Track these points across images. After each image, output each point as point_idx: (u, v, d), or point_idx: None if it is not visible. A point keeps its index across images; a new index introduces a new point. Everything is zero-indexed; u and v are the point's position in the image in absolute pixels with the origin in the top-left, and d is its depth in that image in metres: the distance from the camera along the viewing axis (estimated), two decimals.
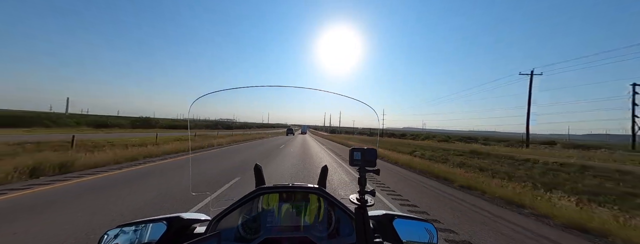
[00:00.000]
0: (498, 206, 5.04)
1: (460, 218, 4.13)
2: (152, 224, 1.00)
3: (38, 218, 3.30)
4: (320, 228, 1.12)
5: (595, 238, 3.55)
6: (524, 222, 4.12)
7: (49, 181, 5.30)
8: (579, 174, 9.34)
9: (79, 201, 4.04)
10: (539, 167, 11.12)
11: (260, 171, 1.28)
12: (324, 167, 1.35)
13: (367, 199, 0.86)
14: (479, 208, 4.81)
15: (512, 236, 3.44)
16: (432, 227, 1.15)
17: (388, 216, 1.16)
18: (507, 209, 4.84)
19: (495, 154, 15.50)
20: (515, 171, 9.94)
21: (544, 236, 3.52)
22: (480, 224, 3.88)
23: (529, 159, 12.73)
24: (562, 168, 10.59)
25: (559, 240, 3.43)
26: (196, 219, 1.15)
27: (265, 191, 1.14)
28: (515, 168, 10.83)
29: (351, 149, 0.91)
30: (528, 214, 4.53)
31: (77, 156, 7.14)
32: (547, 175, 9.32)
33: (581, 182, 7.81)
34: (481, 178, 7.31)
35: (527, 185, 6.72)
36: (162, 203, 4.07)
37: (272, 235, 1.06)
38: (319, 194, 1.16)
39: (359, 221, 0.82)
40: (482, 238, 3.30)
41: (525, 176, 8.98)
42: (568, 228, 3.90)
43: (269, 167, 8.25)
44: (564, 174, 9.34)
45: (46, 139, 13.34)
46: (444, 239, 3.20)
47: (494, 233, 3.53)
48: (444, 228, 3.63)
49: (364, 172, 0.88)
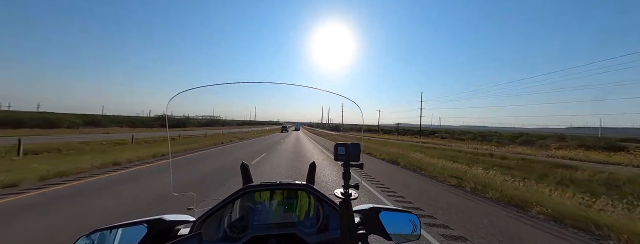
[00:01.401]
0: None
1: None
2: (131, 228, 0.96)
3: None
4: (309, 224, 1.13)
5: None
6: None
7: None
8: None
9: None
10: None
11: (247, 170, 1.26)
12: (312, 164, 1.36)
13: (351, 193, 0.88)
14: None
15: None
16: (416, 218, 1.20)
17: (374, 210, 1.19)
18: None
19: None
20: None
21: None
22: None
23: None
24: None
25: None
26: (179, 221, 1.12)
27: (252, 189, 1.13)
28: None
29: (336, 144, 0.92)
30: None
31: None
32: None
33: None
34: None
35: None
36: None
37: (260, 233, 1.06)
38: (307, 190, 1.16)
39: (343, 214, 0.84)
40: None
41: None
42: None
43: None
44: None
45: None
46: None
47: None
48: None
49: (348, 167, 0.90)
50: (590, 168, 10.76)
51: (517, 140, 34.57)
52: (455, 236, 3.36)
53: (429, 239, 3.25)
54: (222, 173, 7.23)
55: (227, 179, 6.43)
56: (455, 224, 3.82)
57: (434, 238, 3.30)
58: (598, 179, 8.64)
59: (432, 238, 3.27)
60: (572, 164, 12.20)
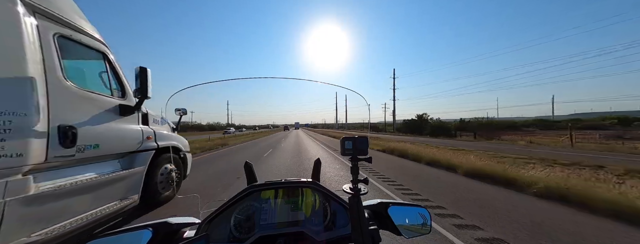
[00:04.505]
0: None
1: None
2: (136, 232, 0.94)
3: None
4: (316, 222, 1.11)
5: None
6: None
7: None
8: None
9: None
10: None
11: (251, 169, 1.25)
12: (317, 161, 1.34)
13: (360, 188, 0.86)
14: None
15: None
16: (426, 212, 1.17)
17: (383, 205, 1.17)
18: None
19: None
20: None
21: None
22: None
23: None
24: None
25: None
26: (185, 223, 1.10)
27: (257, 188, 1.11)
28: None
29: (342, 138, 0.91)
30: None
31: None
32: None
33: None
34: None
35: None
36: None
37: (266, 232, 1.04)
38: (313, 187, 1.15)
39: (353, 210, 0.82)
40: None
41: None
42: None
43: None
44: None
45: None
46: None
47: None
48: None
49: (356, 162, 0.88)
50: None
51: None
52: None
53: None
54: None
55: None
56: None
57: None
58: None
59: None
60: None
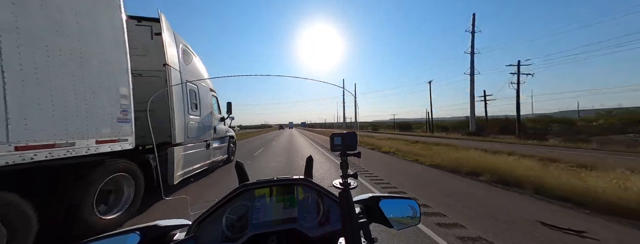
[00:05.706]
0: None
1: None
2: (124, 236, 0.92)
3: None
4: (309, 218, 1.12)
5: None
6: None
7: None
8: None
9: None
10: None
11: (243, 168, 1.24)
12: (309, 158, 1.35)
13: (350, 183, 0.87)
14: None
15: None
16: (416, 204, 1.20)
17: (374, 199, 1.18)
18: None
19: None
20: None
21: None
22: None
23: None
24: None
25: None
26: (175, 226, 1.08)
27: (248, 187, 1.10)
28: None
29: (332, 134, 0.92)
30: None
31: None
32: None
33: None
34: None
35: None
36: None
37: (259, 231, 1.04)
38: (305, 184, 1.15)
39: (343, 205, 0.83)
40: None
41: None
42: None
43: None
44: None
45: None
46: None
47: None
48: None
49: (345, 157, 0.89)
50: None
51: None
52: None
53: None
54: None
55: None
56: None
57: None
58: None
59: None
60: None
